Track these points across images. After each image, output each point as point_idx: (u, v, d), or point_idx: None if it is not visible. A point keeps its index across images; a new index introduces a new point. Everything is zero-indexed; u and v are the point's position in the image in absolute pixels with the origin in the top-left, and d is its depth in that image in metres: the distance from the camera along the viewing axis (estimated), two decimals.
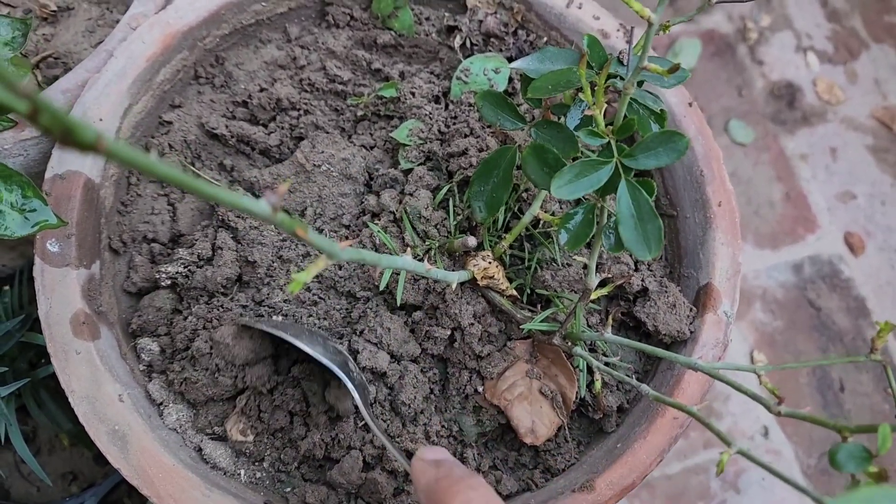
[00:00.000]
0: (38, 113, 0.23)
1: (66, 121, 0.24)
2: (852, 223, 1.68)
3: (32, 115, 0.23)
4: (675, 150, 0.58)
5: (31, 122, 0.24)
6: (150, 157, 0.27)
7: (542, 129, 0.67)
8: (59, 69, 0.92)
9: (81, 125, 0.24)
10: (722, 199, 0.84)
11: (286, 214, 0.37)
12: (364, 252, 0.47)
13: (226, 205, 0.32)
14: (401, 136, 0.86)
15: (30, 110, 0.23)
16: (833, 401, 1.51)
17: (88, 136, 0.25)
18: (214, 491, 0.67)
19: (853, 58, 1.87)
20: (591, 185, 0.58)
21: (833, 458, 0.49)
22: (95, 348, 0.72)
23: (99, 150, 0.25)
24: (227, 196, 0.32)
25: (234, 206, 0.33)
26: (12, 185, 0.63)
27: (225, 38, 0.91)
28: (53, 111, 0.24)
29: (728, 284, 0.81)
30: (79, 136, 0.25)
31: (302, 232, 0.37)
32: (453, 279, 0.69)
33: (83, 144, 0.25)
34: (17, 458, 1.07)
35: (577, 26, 0.92)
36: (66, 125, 0.24)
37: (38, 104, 0.23)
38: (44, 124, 0.24)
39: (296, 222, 0.37)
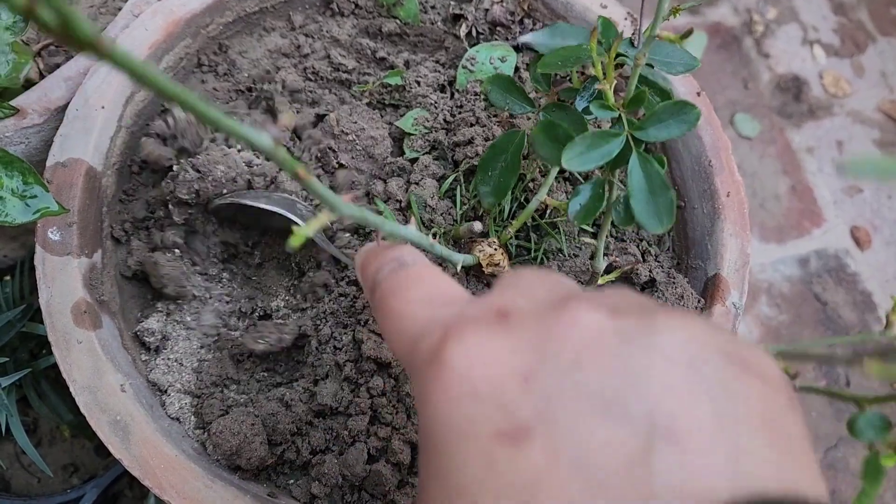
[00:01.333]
0: (37, 6, 0.22)
1: (66, 14, 0.23)
2: (859, 217, 1.67)
3: (30, 8, 0.22)
4: (686, 121, 0.57)
5: (27, 14, 0.22)
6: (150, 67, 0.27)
7: (550, 112, 0.66)
8: (61, 57, 0.91)
9: (82, 20, 0.24)
10: (730, 189, 0.83)
11: (287, 152, 0.36)
12: (367, 212, 0.45)
13: (227, 131, 0.31)
14: (406, 124, 0.85)
15: (27, 3, 0.22)
16: None
17: (88, 32, 0.24)
18: (217, 482, 0.66)
19: (860, 51, 1.86)
20: (602, 157, 0.57)
21: (852, 426, 0.48)
22: (97, 338, 0.71)
23: (98, 48, 0.24)
24: (228, 123, 0.31)
25: (235, 134, 0.32)
26: (13, 172, 0.62)
27: (228, 26, 0.90)
28: (53, 3, 0.23)
29: (737, 276, 0.80)
30: (79, 32, 0.24)
31: (303, 173, 0.36)
32: (458, 260, 0.67)
33: (82, 40, 0.24)
34: (17, 450, 1.06)
35: (585, 15, 0.91)
36: (67, 19, 0.23)
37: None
38: (42, 18, 0.23)
39: (297, 163, 0.36)
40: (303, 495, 0.71)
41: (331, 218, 0.40)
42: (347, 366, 0.74)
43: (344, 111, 0.84)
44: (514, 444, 0.28)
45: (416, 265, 0.42)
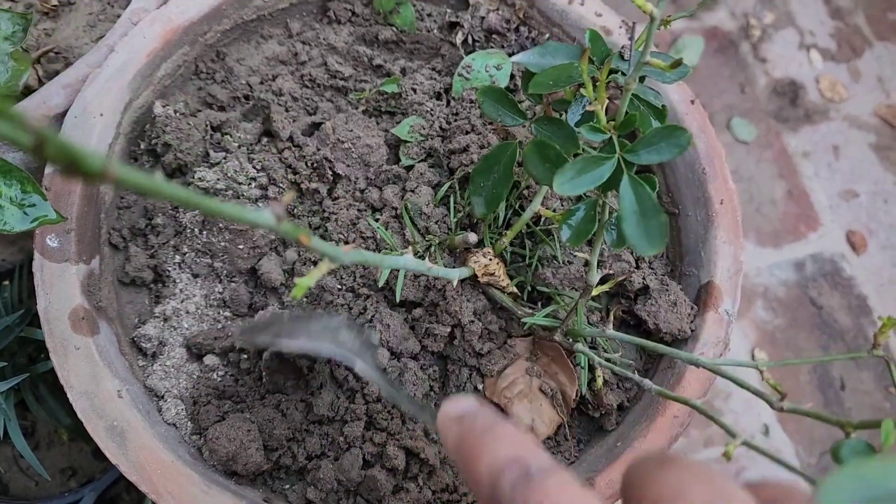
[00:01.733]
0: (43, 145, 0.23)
1: (71, 152, 0.24)
2: (854, 221, 1.68)
3: (38, 148, 0.23)
4: (678, 144, 0.58)
5: (35, 154, 0.23)
6: (156, 179, 0.27)
7: (543, 125, 0.67)
8: (59, 64, 0.92)
9: (88, 155, 0.24)
10: (724, 197, 0.83)
11: (290, 223, 0.37)
12: (366, 254, 0.46)
13: (231, 219, 0.32)
14: (402, 132, 0.86)
15: (35, 143, 0.23)
16: (834, 399, 1.50)
17: (95, 166, 0.24)
18: (213, 487, 0.67)
19: (856, 55, 1.86)
20: (594, 181, 0.58)
21: (836, 453, 0.49)
22: (94, 344, 0.72)
23: (108, 178, 0.25)
24: (231, 211, 0.32)
25: (239, 220, 0.32)
26: (12, 180, 0.62)
27: (226, 34, 0.91)
28: (59, 143, 0.23)
29: (730, 283, 0.80)
30: (86, 166, 0.24)
31: (305, 239, 0.37)
32: (454, 276, 0.68)
33: (91, 174, 0.24)
34: (15, 453, 1.07)
35: (580, 23, 0.91)
36: (72, 156, 0.24)
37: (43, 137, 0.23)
38: (50, 155, 0.23)
39: (299, 230, 0.37)
40: (298, 500, 0.72)
41: (332, 267, 0.41)
42: (343, 372, 0.75)
43: (340, 119, 0.85)
44: None
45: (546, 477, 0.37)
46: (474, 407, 0.44)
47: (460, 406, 0.44)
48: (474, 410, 0.44)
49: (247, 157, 0.82)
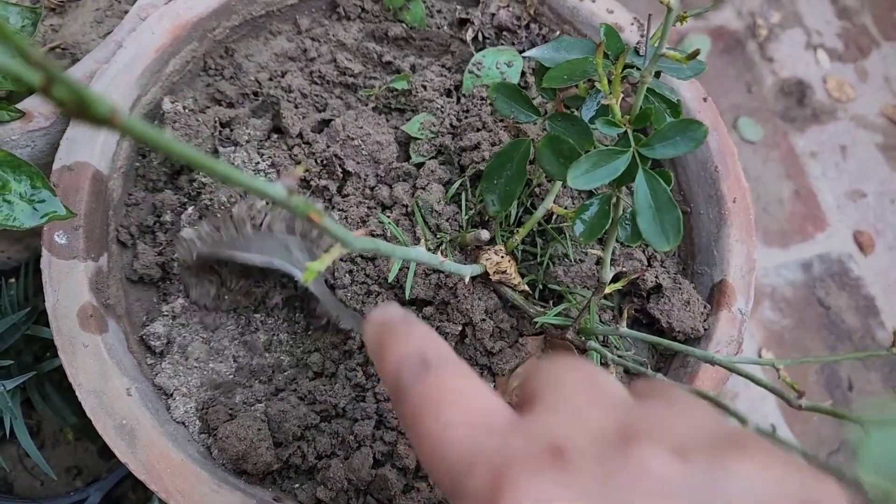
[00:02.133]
0: (51, 84, 0.22)
1: (81, 93, 0.23)
2: (862, 221, 1.67)
3: (46, 87, 0.22)
4: (694, 138, 0.57)
5: (44, 94, 0.23)
6: (164, 133, 0.26)
7: (556, 121, 0.66)
8: (67, 60, 0.91)
9: (96, 98, 0.23)
10: (737, 195, 0.83)
11: (301, 198, 0.36)
12: (379, 242, 0.46)
13: (240, 185, 0.31)
14: (412, 129, 0.85)
15: (43, 82, 0.22)
16: (841, 399, 1.50)
17: (103, 110, 0.24)
18: (223, 486, 0.66)
19: (863, 55, 1.86)
20: (608, 175, 0.57)
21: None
22: (103, 341, 0.71)
23: (114, 124, 0.24)
24: (241, 177, 0.31)
25: (248, 188, 0.32)
26: (21, 176, 0.62)
27: (235, 30, 0.90)
28: (68, 82, 0.23)
29: (743, 282, 0.80)
30: (94, 110, 0.24)
31: (316, 216, 0.36)
32: (466, 272, 0.68)
33: (98, 118, 0.24)
34: (21, 452, 1.06)
35: (591, 20, 0.91)
36: (81, 98, 0.23)
37: (53, 75, 0.22)
38: (58, 97, 0.23)
39: (310, 206, 0.36)
40: (308, 499, 0.71)
41: (343, 252, 0.40)
42: (354, 370, 0.74)
43: (350, 116, 0.84)
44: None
45: (443, 367, 0.38)
46: (398, 313, 0.44)
47: (385, 312, 0.44)
48: (398, 313, 0.44)
49: (256, 151, 0.81)
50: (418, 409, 0.36)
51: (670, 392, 0.35)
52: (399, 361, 0.39)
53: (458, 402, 0.35)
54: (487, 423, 0.34)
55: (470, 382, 0.37)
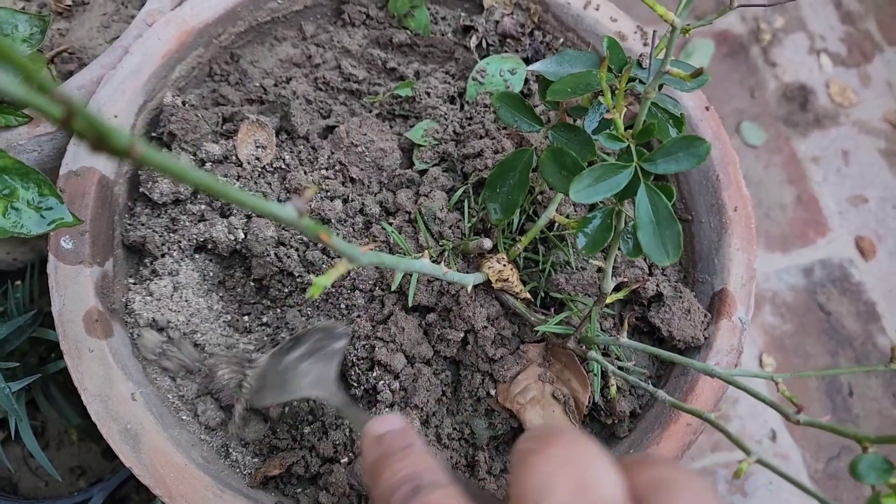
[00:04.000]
0: (72, 118, 0.23)
1: (100, 126, 0.24)
2: (863, 227, 1.68)
3: (66, 120, 0.23)
4: (696, 155, 0.58)
5: (63, 127, 0.23)
6: (181, 162, 0.27)
7: (559, 131, 0.67)
8: (73, 64, 0.92)
9: (115, 131, 0.24)
10: (738, 204, 0.83)
11: (311, 220, 0.37)
12: (384, 256, 0.46)
13: (252, 209, 0.32)
14: (416, 136, 0.86)
15: (64, 115, 0.23)
16: (842, 405, 1.50)
17: (122, 142, 0.24)
18: (226, 491, 0.67)
19: (867, 60, 1.86)
20: (611, 189, 0.58)
21: (854, 468, 0.49)
22: (108, 346, 0.72)
23: (133, 156, 0.25)
24: (253, 201, 0.32)
25: (260, 211, 0.32)
26: (29, 183, 0.62)
27: (240, 36, 0.91)
28: (88, 116, 0.23)
29: (743, 290, 0.80)
30: (112, 142, 0.24)
31: (326, 237, 0.37)
32: (469, 282, 0.68)
33: (117, 150, 0.24)
34: (25, 453, 1.07)
35: (595, 28, 0.91)
36: (101, 131, 0.24)
37: (73, 109, 0.23)
38: (77, 129, 0.23)
39: (320, 227, 0.36)
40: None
41: (350, 267, 0.40)
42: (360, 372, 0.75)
43: (354, 123, 0.85)
44: None
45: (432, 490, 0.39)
46: (397, 427, 0.45)
47: (383, 426, 0.45)
48: (395, 430, 0.45)
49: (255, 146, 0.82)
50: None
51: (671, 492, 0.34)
52: (391, 485, 0.40)
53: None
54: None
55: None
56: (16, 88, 0.23)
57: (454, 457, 0.75)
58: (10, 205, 0.61)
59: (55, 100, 0.23)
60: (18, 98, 0.23)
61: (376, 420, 0.46)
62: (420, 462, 0.42)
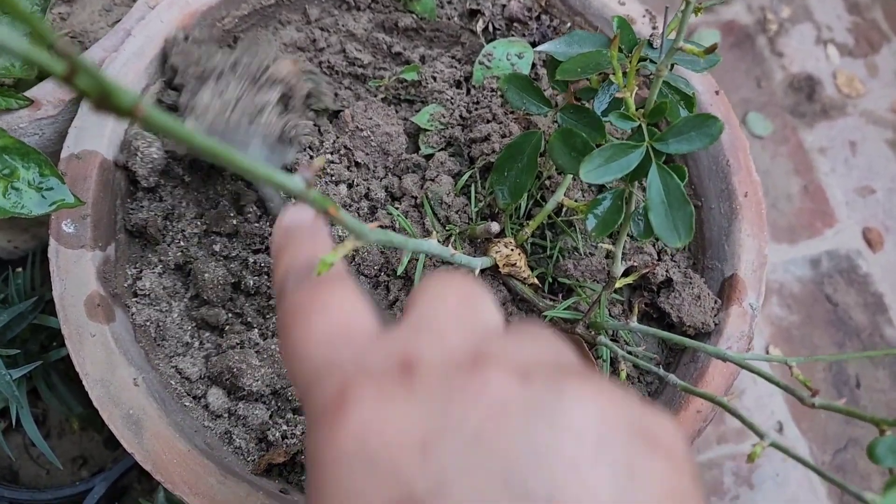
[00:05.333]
0: (75, 73, 0.22)
1: (104, 83, 0.22)
2: (871, 218, 1.66)
3: (70, 76, 0.22)
4: (709, 134, 0.57)
5: (66, 83, 0.22)
6: (186, 125, 0.26)
7: (568, 113, 0.66)
8: (75, 48, 0.91)
9: (119, 89, 0.23)
10: (748, 189, 0.82)
11: (318, 192, 0.36)
12: (392, 234, 0.45)
13: (260, 178, 0.31)
14: (422, 120, 0.84)
15: (67, 71, 0.22)
16: (849, 396, 1.49)
17: (126, 101, 0.23)
18: (230, 478, 0.66)
19: (874, 51, 1.84)
20: (622, 170, 0.57)
21: (872, 452, 0.48)
22: (110, 331, 0.71)
23: (136, 115, 0.24)
24: (261, 169, 0.30)
25: (267, 180, 0.31)
26: (30, 163, 0.61)
27: (244, 19, 0.90)
28: (92, 72, 0.22)
29: (754, 276, 0.79)
30: (117, 101, 0.23)
31: (334, 210, 0.36)
32: (477, 265, 0.67)
33: (121, 109, 0.23)
34: (26, 441, 1.06)
35: (602, 12, 0.90)
36: (105, 88, 0.23)
37: (77, 64, 0.22)
38: (81, 86, 0.22)
39: (328, 200, 0.35)
40: None
41: (357, 245, 0.39)
42: None
43: (359, 107, 0.83)
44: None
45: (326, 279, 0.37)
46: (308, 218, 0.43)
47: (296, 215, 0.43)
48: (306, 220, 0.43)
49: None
50: (290, 315, 0.36)
51: (533, 328, 0.35)
52: (288, 267, 0.39)
53: (327, 313, 0.35)
54: (350, 335, 0.34)
55: (347, 296, 0.36)
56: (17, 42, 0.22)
57: None
58: (11, 185, 0.60)
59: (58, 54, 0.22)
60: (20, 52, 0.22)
61: (290, 209, 0.43)
62: (323, 246, 0.40)
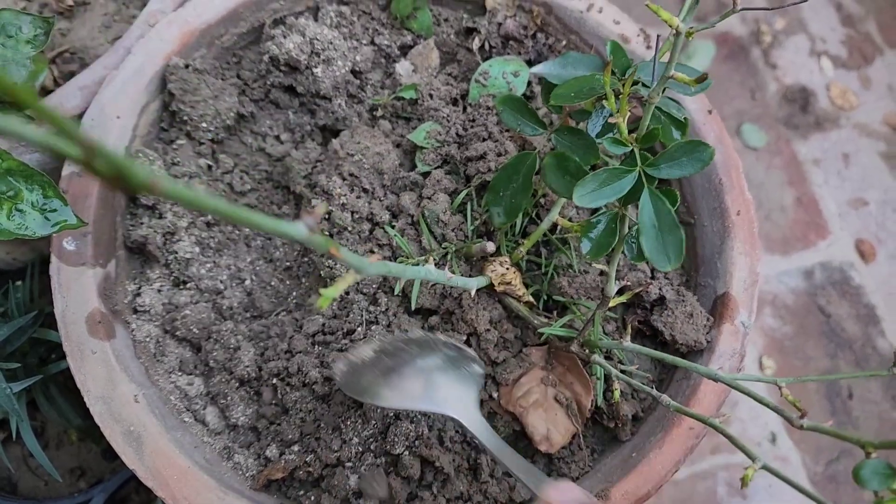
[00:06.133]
0: (92, 158, 0.23)
1: (120, 165, 0.24)
2: (864, 230, 1.68)
3: (87, 161, 0.23)
4: (700, 160, 0.58)
5: (85, 167, 0.23)
6: (199, 193, 0.27)
7: (562, 135, 0.67)
8: (75, 64, 0.92)
9: (136, 168, 0.24)
10: (741, 208, 0.83)
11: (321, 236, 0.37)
12: (391, 265, 0.46)
13: (267, 231, 0.32)
14: (418, 138, 0.85)
15: (84, 156, 0.23)
16: (841, 408, 1.50)
17: (143, 180, 0.24)
18: (230, 494, 0.67)
19: (867, 63, 1.86)
20: (614, 194, 0.58)
21: (857, 474, 0.49)
22: (111, 348, 0.72)
23: (154, 191, 0.25)
24: (267, 223, 0.32)
25: (274, 233, 0.32)
26: (33, 185, 0.62)
27: (242, 37, 0.91)
28: (108, 156, 0.23)
29: (746, 294, 0.80)
30: (134, 180, 0.24)
31: (335, 251, 0.37)
32: (472, 286, 0.68)
33: (138, 187, 0.24)
34: (25, 453, 1.07)
35: (598, 30, 0.91)
36: (121, 170, 0.24)
37: (93, 150, 0.23)
38: (98, 169, 0.23)
39: (330, 242, 0.37)
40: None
41: (357, 278, 0.40)
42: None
43: (345, 136, 0.84)
44: None
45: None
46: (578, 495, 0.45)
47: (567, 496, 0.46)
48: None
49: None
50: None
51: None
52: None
53: None
54: None
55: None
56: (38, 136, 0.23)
57: (456, 459, 0.74)
58: (15, 207, 0.61)
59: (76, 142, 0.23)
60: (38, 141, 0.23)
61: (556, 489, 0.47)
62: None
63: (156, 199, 0.80)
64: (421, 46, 0.92)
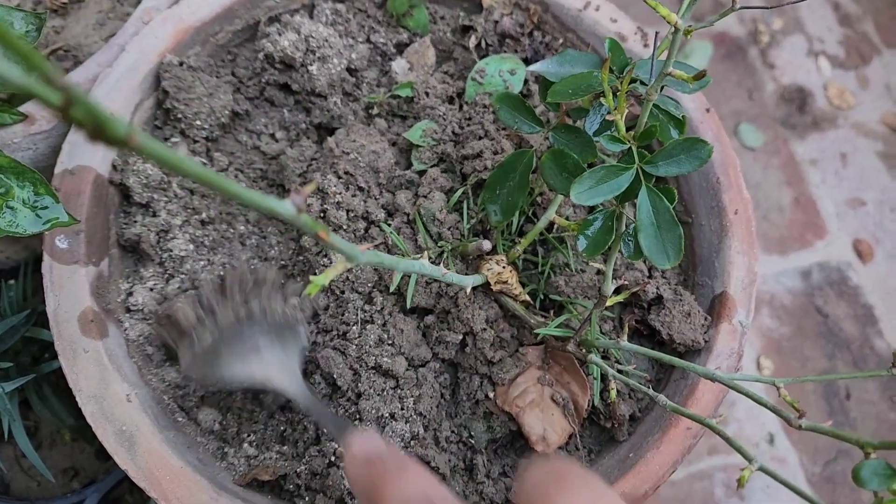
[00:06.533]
0: (70, 105, 0.22)
1: (99, 115, 0.23)
2: (861, 230, 1.67)
3: (65, 108, 0.23)
4: (698, 157, 0.57)
5: (61, 113, 0.23)
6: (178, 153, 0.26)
7: (559, 133, 0.66)
8: (69, 62, 0.91)
9: (114, 120, 0.24)
10: (738, 207, 0.83)
11: (309, 217, 0.36)
12: (383, 255, 0.46)
13: (250, 204, 0.31)
14: (414, 136, 0.85)
15: (63, 102, 0.22)
16: (839, 408, 1.50)
17: (120, 132, 0.24)
18: (223, 494, 0.66)
19: (865, 63, 1.86)
20: (612, 192, 0.57)
21: (857, 475, 0.48)
22: (104, 347, 0.71)
23: (130, 145, 0.24)
24: (251, 196, 0.31)
25: (258, 207, 0.32)
26: (24, 182, 0.62)
27: (237, 34, 0.90)
28: (87, 104, 0.23)
29: (743, 294, 0.80)
30: (111, 131, 0.24)
31: (324, 234, 0.36)
32: (468, 283, 0.68)
33: (114, 139, 0.24)
34: (17, 453, 1.06)
35: (594, 29, 0.91)
36: (99, 119, 0.23)
37: (73, 96, 0.22)
38: (76, 117, 0.23)
39: (318, 224, 0.36)
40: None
41: (348, 266, 0.40)
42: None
43: (341, 133, 0.84)
44: None
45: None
46: (382, 449, 0.46)
47: (367, 447, 0.46)
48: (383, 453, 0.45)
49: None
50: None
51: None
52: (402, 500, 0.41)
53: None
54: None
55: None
56: (15, 75, 0.22)
57: (452, 460, 0.74)
58: (6, 204, 0.61)
59: (55, 87, 0.22)
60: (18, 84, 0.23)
61: (357, 438, 0.46)
62: (423, 478, 0.43)
63: (150, 196, 0.79)
64: (417, 44, 0.91)
